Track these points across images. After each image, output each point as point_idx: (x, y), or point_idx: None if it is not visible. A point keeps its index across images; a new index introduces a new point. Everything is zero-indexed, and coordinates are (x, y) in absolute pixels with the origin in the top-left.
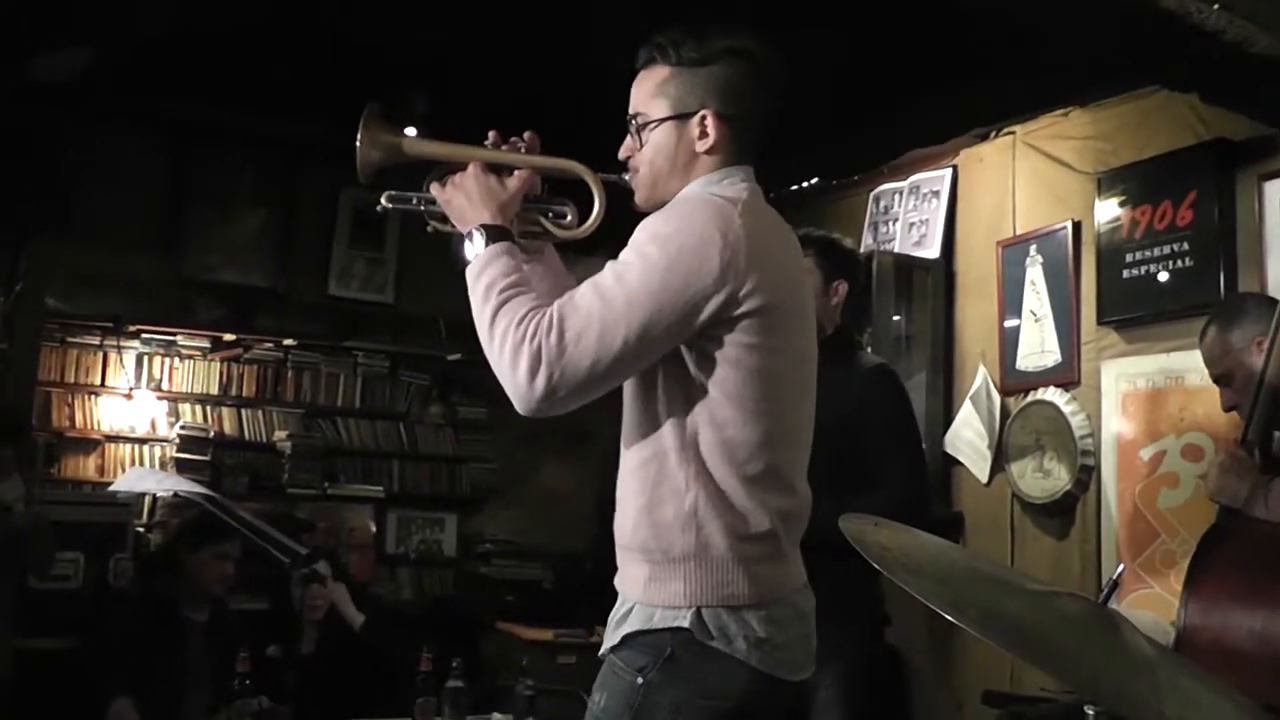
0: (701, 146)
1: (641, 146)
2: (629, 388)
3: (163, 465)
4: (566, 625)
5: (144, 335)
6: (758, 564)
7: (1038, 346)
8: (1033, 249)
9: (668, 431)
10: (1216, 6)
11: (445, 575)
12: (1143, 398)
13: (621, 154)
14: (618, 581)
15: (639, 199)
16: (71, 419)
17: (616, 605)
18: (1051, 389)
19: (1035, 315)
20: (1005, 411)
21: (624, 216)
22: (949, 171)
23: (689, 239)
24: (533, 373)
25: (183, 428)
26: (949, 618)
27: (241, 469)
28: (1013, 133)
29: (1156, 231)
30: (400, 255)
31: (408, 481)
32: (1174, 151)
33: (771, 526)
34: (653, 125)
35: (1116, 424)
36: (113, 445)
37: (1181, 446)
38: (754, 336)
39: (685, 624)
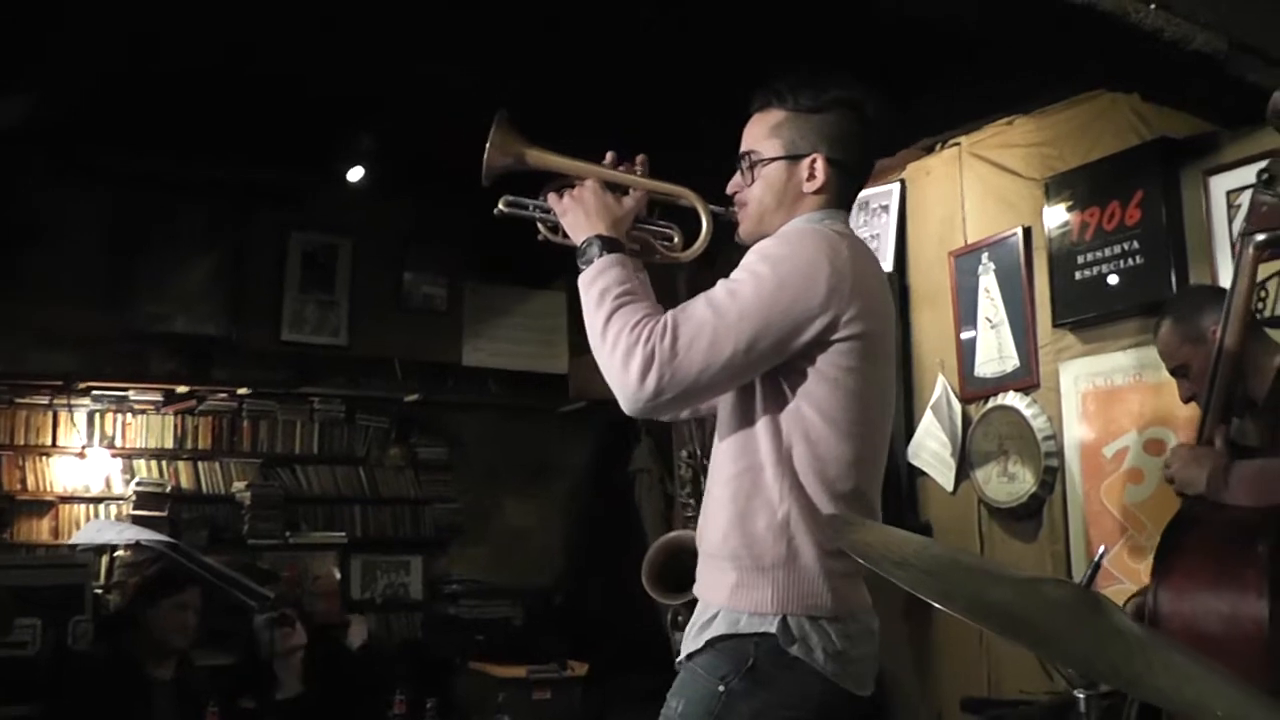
0: (809, 188)
1: (752, 183)
2: (726, 401)
3: (119, 522)
4: (539, 661)
5: (95, 392)
6: (840, 579)
7: (995, 353)
8: (985, 257)
9: (764, 445)
10: (1154, 6)
11: (413, 618)
12: (1102, 396)
13: (730, 189)
14: (699, 589)
15: (743, 231)
16: (23, 481)
17: (698, 612)
18: (1012, 394)
19: (991, 322)
20: (967, 419)
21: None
22: (897, 185)
23: (800, 263)
24: (644, 374)
25: (138, 484)
26: (938, 607)
27: (200, 522)
28: (958, 144)
29: (1106, 232)
30: (352, 298)
31: (370, 526)
32: (1119, 153)
33: None
34: (765, 163)
35: (1078, 424)
36: (67, 506)
37: (1144, 442)
38: (851, 360)
39: (771, 629)
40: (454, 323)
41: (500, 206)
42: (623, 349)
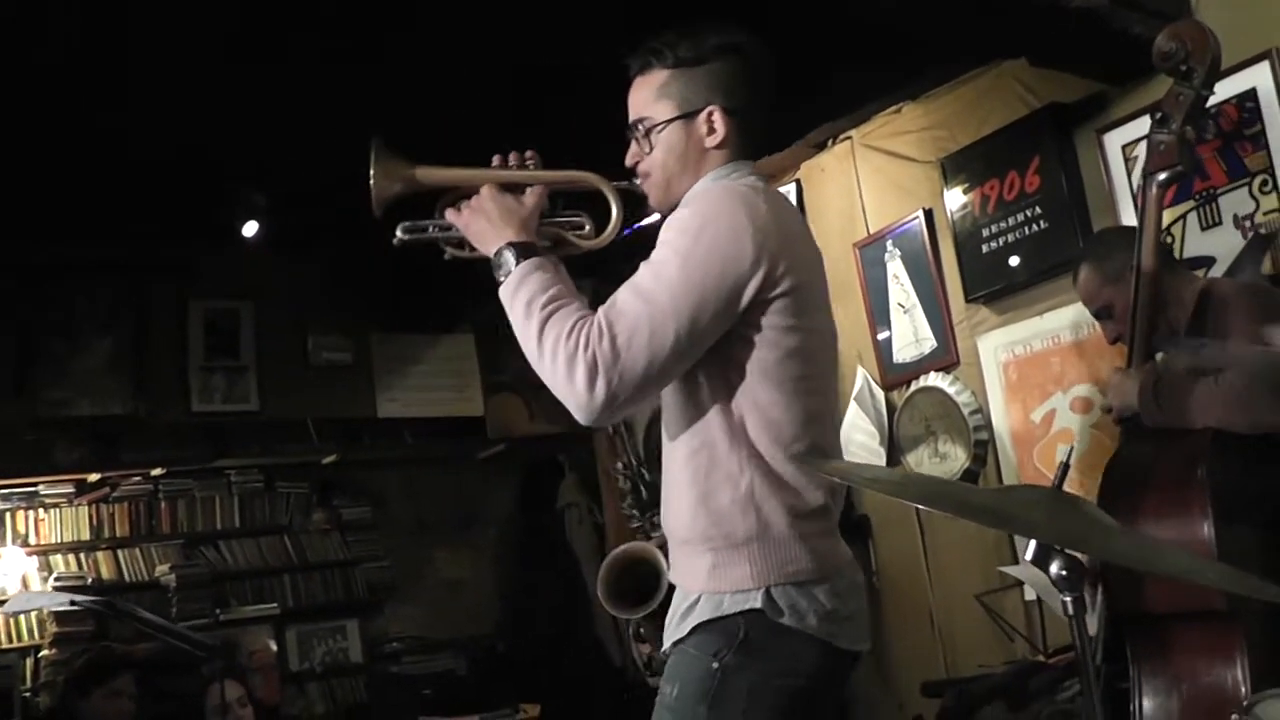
0: (711, 142)
1: (651, 150)
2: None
3: (41, 623)
4: (490, 709)
5: (3, 490)
6: (816, 539)
7: (911, 336)
8: (889, 244)
9: (714, 419)
10: None
11: (356, 682)
12: (1023, 363)
13: (629, 161)
14: (674, 576)
15: (653, 201)
16: None
17: (677, 600)
18: (933, 374)
19: (904, 307)
20: (891, 406)
21: None
22: (792, 186)
23: (721, 228)
24: (591, 382)
25: (57, 580)
26: (924, 508)
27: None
28: (849, 137)
29: (1007, 202)
30: (259, 360)
31: (302, 594)
32: (1010, 124)
33: (825, 501)
34: (660, 127)
35: (1002, 394)
36: None
37: (1070, 401)
38: (788, 318)
39: (757, 605)
40: (364, 375)
41: (399, 234)
42: (563, 361)
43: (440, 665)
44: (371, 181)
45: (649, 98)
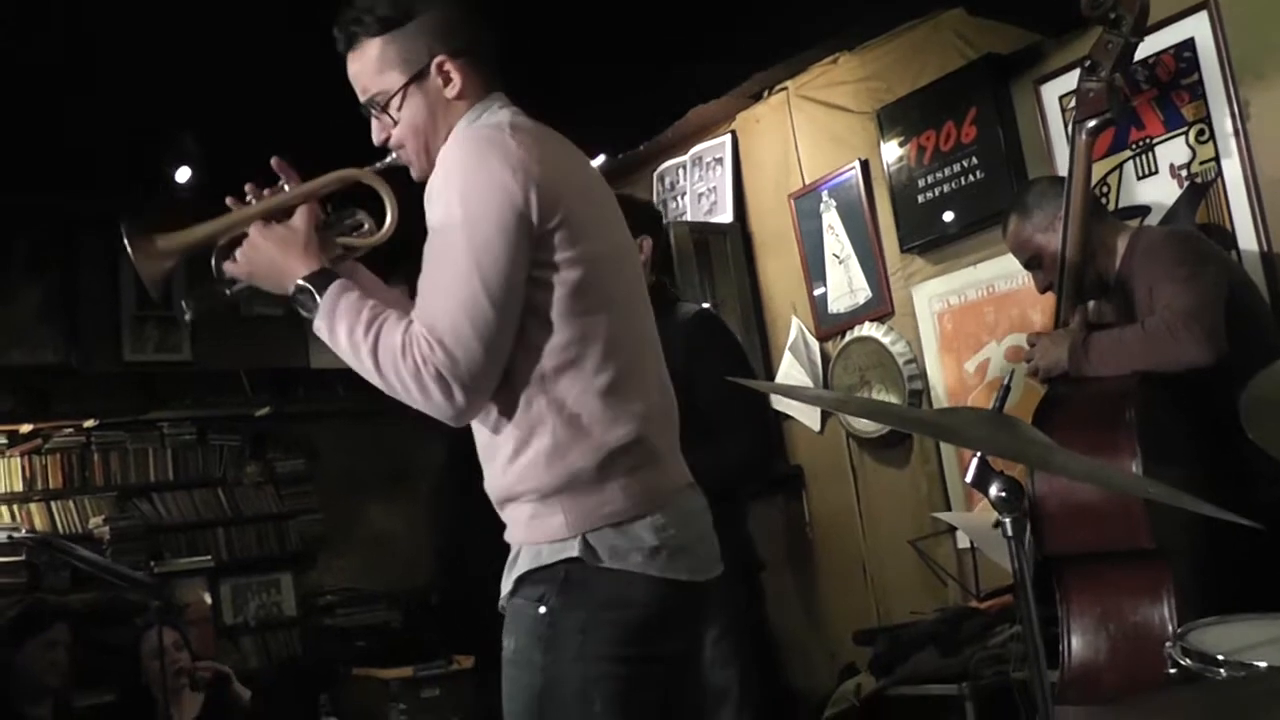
0: (450, 92)
1: (396, 123)
2: None
3: None
4: (425, 660)
5: None
6: (631, 475)
7: (846, 287)
8: (825, 195)
9: (514, 371)
10: None
11: (290, 635)
12: (957, 313)
13: (377, 139)
14: (506, 535)
15: (417, 171)
16: None
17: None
18: (868, 324)
19: (839, 258)
20: (825, 356)
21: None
22: (728, 137)
23: (477, 181)
24: (447, 393)
25: None
26: (870, 421)
27: (60, 563)
28: (785, 88)
29: (944, 153)
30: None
31: (235, 547)
32: (948, 75)
33: (638, 432)
34: (396, 97)
35: (937, 344)
36: None
37: (1004, 350)
38: (567, 249)
39: (575, 553)
40: (297, 327)
41: (186, 313)
42: (412, 383)
43: (374, 618)
44: (137, 270)
45: (371, 71)
